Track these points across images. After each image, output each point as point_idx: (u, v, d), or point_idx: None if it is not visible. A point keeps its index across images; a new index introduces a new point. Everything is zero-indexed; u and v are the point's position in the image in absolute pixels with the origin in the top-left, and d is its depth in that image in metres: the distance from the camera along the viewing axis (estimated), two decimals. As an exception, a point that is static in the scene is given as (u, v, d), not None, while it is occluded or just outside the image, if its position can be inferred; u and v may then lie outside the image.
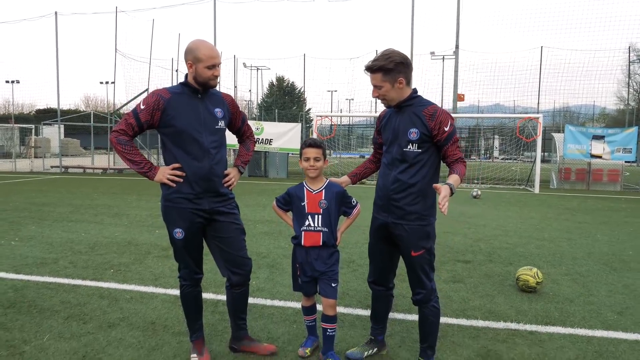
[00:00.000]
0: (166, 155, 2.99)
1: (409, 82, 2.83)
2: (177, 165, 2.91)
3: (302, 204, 3.05)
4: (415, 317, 3.30)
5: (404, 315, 3.91)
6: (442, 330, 3.60)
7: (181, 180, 2.90)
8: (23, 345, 3.27)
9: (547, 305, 4.19)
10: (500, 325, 3.76)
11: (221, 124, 2.99)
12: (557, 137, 17.54)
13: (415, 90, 2.86)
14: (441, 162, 2.89)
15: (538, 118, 15.02)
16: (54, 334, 3.47)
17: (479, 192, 12.79)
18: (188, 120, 2.87)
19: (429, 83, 30.80)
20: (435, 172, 2.85)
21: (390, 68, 2.74)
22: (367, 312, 3.96)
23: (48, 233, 7.07)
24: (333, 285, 3.02)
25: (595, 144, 15.47)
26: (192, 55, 2.85)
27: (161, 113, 2.86)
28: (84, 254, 5.84)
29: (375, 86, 2.82)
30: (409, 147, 2.78)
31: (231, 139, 3.31)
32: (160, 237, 6.86)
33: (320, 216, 3.01)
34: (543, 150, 29.06)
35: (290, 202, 3.13)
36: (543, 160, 26.42)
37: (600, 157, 15.56)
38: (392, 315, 3.84)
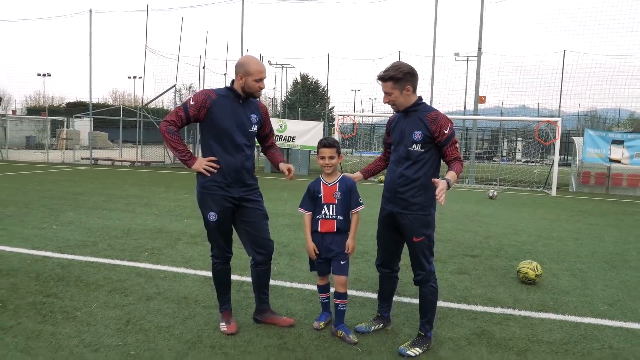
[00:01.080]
0: (204, 147, 3.46)
1: (415, 90, 3.26)
2: (213, 158, 3.37)
3: (319, 195, 3.48)
4: (417, 298, 3.69)
5: (410, 299, 4.31)
6: (443, 312, 4.01)
7: (215, 171, 3.36)
8: (75, 311, 3.79)
9: (544, 296, 4.54)
10: (497, 310, 4.13)
11: (254, 128, 3.48)
12: (578, 140, 17.55)
13: (420, 98, 3.30)
14: (441, 160, 3.29)
15: (557, 122, 15.12)
16: (100, 303, 3.98)
17: (495, 193, 13.02)
18: (228, 121, 3.34)
19: (450, 84, 30.85)
20: (435, 169, 3.26)
21: (399, 77, 3.16)
22: (376, 295, 4.37)
23: (85, 219, 7.67)
24: (342, 262, 3.44)
25: (614, 149, 15.49)
26: (244, 69, 3.33)
27: (207, 110, 3.33)
28: (120, 238, 6.39)
29: (386, 93, 3.24)
30: (413, 147, 3.19)
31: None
32: (188, 225, 7.38)
33: (334, 206, 3.44)
34: (566, 154, 28.91)
35: (314, 197, 3.51)
36: (565, 164, 26.31)
37: (619, 161, 15.57)
38: (399, 298, 4.26)
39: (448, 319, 3.91)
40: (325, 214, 3.45)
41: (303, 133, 18.85)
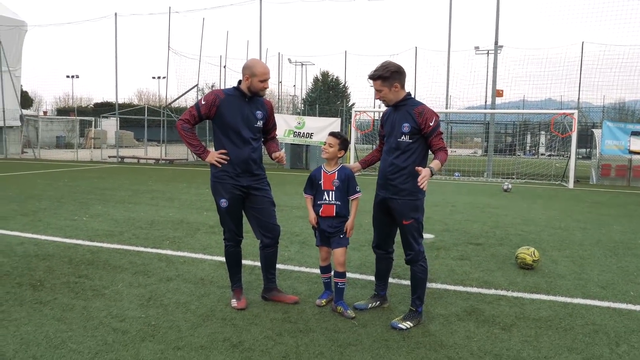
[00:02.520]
0: (216, 141, 3.85)
1: (403, 86, 3.59)
2: (224, 151, 3.76)
3: (319, 182, 3.85)
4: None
5: (407, 282, 4.60)
6: (439, 293, 4.31)
7: (226, 162, 3.74)
8: (103, 290, 4.22)
9: (539, 279, 4.77)
10: (491, 291, 4.39)
11: (259, 123, 3.84)
12: (597, 133, 17.41)
13: (409, 93, 3.62)
14: (429, 150, 3.59)
15: (573, 114, 15.07)
16: (125, 283, 4.40)
17: (510, 186, 13.11)
18: (235, 117, 3.72)
19: (470, 78, 30.64)
20: (423, 158, 3.56)
21: (387, 76, 3.50)
22: (377, 278, 4.70)
23: (112, 212, 8.18)
24: (341, 236, 3.80)
25: (634, 140, 15.35)
26: (250, 71, 3.70)
27: (216, 109, 3.71)
28: (144, 228, 6.85)
29: (376, 90, 3.58)
30: (402, 137, 3.51)
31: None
32: (208, 217, 7.81)
33: (333, 192, 3.80)
34: (590, 147, 28.46)
35: (314, 183, 3.87)
36: (587, 157, 25.90)
37: (639, 153, 15.42)
38: (399, 281, 4.57)
39: (443, 299, 4.19)
40: (325, 199, 3.81)
41: (321, 129, 19.17)
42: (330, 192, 3.80)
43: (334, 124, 19.40)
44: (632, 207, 10.38)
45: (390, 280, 4.64)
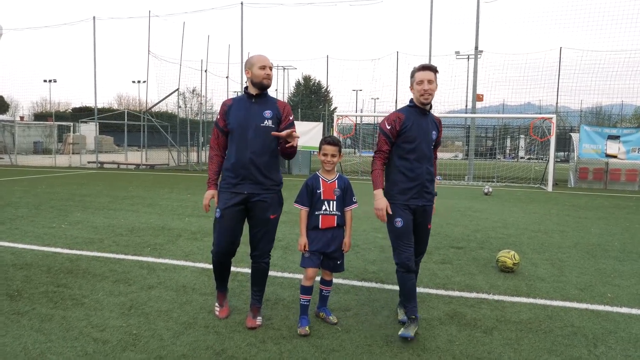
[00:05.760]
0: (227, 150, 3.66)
1: None
2: (207, 203, 3.63)
3: (318, 191, 3.55)
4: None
5: (390, 286, 4.63)
6: (422, 297, 4.33)
7: (205, 209, 3.63)
8: (83, 299, 4.14)
9: (519, 282, 4.84)
10: (473, 295, 4.44)
11: (267, 122, 3.51)
12: (575, 136, 17.78)
13: None
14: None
15: (551, 118, 15.37)
16: (106, 292, 4.33)
17: (491, 189, 13.30)
18: (238, 119, 3.53)
19: (451, 83, 31.10)
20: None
21: (437, 72, 3.60)
22: (360, 283, 4.72)
23: (92, 219, 8.04)
24: (339, 262, 3.64)
25: (610, 144, 15.72)
26: (249, 63, 3.57)
27: (225, 116, 3.60)
28: (124, 235, 6.76)
29: (428, 81, 3.49)
30: (432, 145, 3.69)
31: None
32: (189, 223, 7.74)
33: (334, 202, 3.56)
34: (568, 151, 29.06)
35: (312, 193, 3.56)
36: (566, 160, 26.40)
37: (615, 156, 15.79)
38: (381, 285, 4.58)
39: (425, 302, 4.22)
40: (325, 210, 3.53)
41: (303, 134, 19.18)
42: (332, 202, 3.55)
43: (317, 128, 19.44)
44: (608, 209, 10.62)
45: (373, 284, 4.68)
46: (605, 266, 5.57)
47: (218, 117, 3.66)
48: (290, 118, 3.65)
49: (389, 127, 3.56)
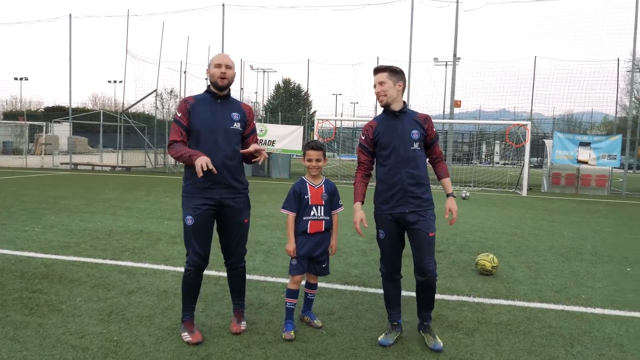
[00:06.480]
0: None
1: (403, 92, 3.47)
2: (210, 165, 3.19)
3: (306, 197, 3.53)
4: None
5: (374, 290, 4.66)
6: (405, 301, 4.35)
7: (204, 170, 3.14)
8: (60, 305, 4.04)
9: (498, 285, 4.94)
10: (454, 297, 4.51)
11: (236, 125, 3.43)
12: (548, 143, 18.23)
13: (405, 103, 3.51)
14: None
15: (526, 125, 15.73)
16: (84, 297, 4.23)
17: (468, 194, 13.52)
18: (205, 120, 3.36)
19: (429, 89, 31.55)
20: (426, 167, 3.60)
21: (396, 71, 3.44)
22: (343, 287, 4.73)
23: (67, 222, 7.86)
24: (324, 265, 3.66)
25: (582, 151, 16.17)
26: (209, 63, 3.46)
27: (188, 114, 3.39)
28: (101, 239, 6.62)
29: (380, 83, 3.40)
30: (414, 145, 3.41)
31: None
32: (169, 227, 7.64)
33: (322, 207, 3.56)
34: (542, 157, 29.79)
35: (300, 199, 3.54)
36: (539, 166, 27.02)
37: (586, 162, 16.25)
38: (363, 289, 4.60)
39: (408, 305, 4.24)
40: (314, 215, 3.53)
41: (283, 137, 19.17)
42: (320, 207, 3.55)
43: (297, 131, 19.43)
44: (580, 214, 10.92)
45: (356, 288, 4.71)
46: (579, 268, 5.73)
47: (179, 114, 3.39)
48: (254, 123, 3.63)
49: (363, 138, 3.55)
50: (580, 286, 4.99)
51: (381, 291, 4.60)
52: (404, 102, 3.49)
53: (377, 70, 3.46)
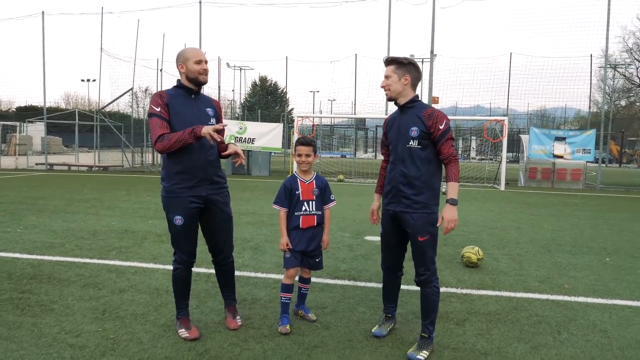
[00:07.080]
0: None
1: (413, 86, 3.27)
2: (219, 127, 3.15)
3: (297, 192, 3.58)
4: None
5: (363, 283, 4.74)
6: (400, 293, 4.45)
7: (217, 136, 3.11)
8: (52, 304, 4.00)
9: (484, 277, 5.08)
10: (442, 289, 4.59)
11: (212, 121, 3.40)
12: (524, 138, 18.65)
13: (417, 96, 3.30)
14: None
15: (503, 120, 16.05)
16: (75, 297, 4.20)
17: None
18: (183, 116, 3.27)
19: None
20: (437, 168, 3.34)
21: (403, 63, 3.23)
22: (334, 281, 4.80)
23: (49, 222, 7.72)
24: (317, 260, 3.71)
25: (557, 145, 16.59)
26: (182, 57, 3.30)
27: (167, 108, 3.25)
28: (86, 239, 6.54)
29: (385, 76, 3.26)
30: (410, 143, 3.21)
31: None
32: (154, 225, 7.58)
33: (314, 202, 3.61)
34: (517, 151, 30.43)
35: (291, 194, 3.59)
36: (515, 161, 27.57)
37: (562, 157, 16.69)
38: (354, 283, 4.67)
39: (400, 298, 4.32)
40: (305, 210, 3.58)
41: (263, 135, 19.14)
42: (311, 202, 3.60)
43: (276, 129, 19.42)
44: (558, 207, 11.23)
45: (346, 282, 4.78)
46: (561, 259, 5.92)
47: (157, 108, 3.22)
48: (222, 116, 3.64)
49: (383, 132, 3.56)
50: (562, 276, 5.16)
51: (371, 285, 4.72)
52: (416, 95, 3.30)
53: (385, 62, 3.32)
